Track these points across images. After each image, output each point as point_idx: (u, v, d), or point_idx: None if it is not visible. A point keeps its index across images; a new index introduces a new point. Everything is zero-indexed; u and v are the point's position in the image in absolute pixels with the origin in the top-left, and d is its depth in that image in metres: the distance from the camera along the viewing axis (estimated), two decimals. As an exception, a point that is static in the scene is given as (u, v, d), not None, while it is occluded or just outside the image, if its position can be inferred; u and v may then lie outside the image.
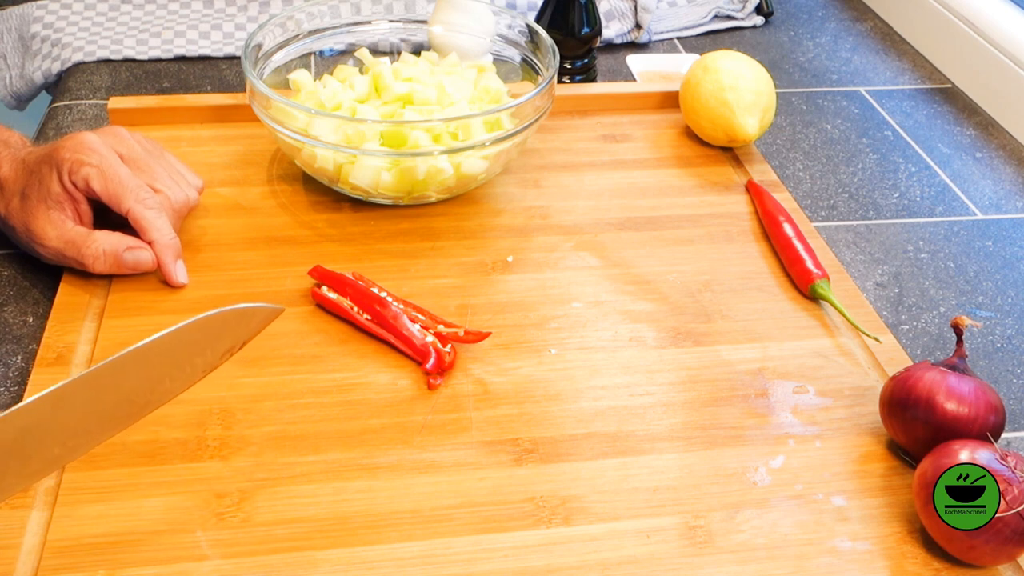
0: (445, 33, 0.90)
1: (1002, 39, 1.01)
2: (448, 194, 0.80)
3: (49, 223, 0.68)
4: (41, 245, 0.69)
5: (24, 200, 0.69)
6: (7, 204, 0.70)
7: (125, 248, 0.69)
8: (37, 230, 0.69)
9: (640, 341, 0.69)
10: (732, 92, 0.86)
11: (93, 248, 0.69)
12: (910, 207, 0.87)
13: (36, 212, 0.68)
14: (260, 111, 0.78)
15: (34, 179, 0.69)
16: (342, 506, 0.57)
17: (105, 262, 0.69)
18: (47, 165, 0.69)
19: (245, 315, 0.54)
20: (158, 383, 0.52)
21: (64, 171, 0.68)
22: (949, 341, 0.72)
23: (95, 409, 0.49)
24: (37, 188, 0.68)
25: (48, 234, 0.69)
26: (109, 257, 0.69)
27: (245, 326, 0.55)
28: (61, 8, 1.06)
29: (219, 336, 0.53)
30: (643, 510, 0.58)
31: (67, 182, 0.68)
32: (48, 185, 0.68)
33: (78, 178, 0.68)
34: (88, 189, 0.68)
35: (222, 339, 0.53)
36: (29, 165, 0.70)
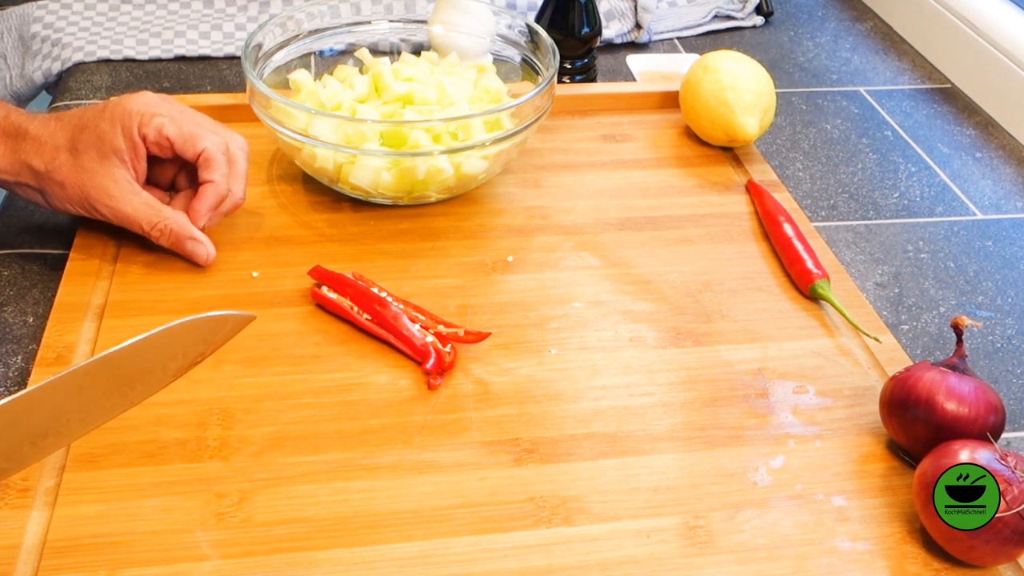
0: (445, 33, 0.90)
1: (1002, 39, 1.01)
2: (448, 194, 0.80)
3: (113, 182, 0.69)
4: (106, 205, 0.69)
5: (77, 154, 0.68)
6: (48, 160, 0.69)
7: (189, 236, 0.71)
8: (99, 189, 0.69)
9: (640, 341, 0.69)
10: (732, 92, 0.86)
11: (162, 224, 0.70)
12: (910, 207, 0.87)
13: (97, 168, 0.68)
14: (260, 111, 0.78)
15: (87, 133, 0.68)
16: (342, 506, 0.57)
17: (167, 240, 0.71)
18: (107, 120, 0.69)
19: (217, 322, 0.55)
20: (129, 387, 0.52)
21: (134, 123, 0.68)
22: (949, 341, 0.72)
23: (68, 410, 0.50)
24: (96, 143, 0.68)
25: (114, 194, 0.69)
26: (173, 236, 0.71)
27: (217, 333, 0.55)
28: (61, 8, 1.06)
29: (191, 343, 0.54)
30: (643, 510, 0.58)
31: (136, 135, 0.68)
32: (111, 140, 0.68)
33: (150, 128, 0.69)
34: (161, 137, 0.69)
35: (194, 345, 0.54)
36: (71, 120, 0.69)
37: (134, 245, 0.74)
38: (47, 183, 0.70)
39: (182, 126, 0.70)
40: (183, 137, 0.70)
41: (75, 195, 0.69)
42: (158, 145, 0.70)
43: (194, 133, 0.71)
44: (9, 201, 0.81)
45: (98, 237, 0.75)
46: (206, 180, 0.71)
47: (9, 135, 0.69)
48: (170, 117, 0.70)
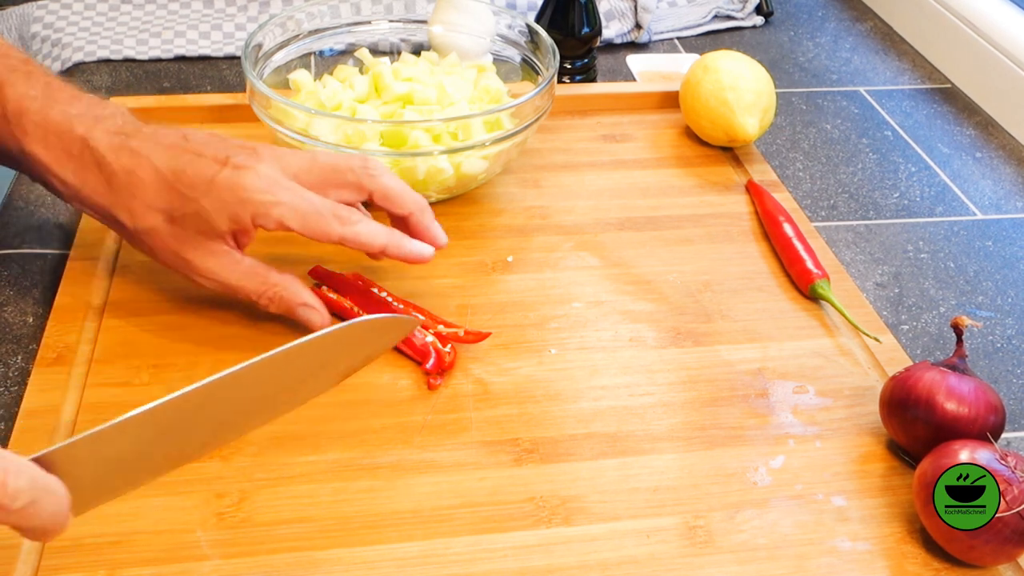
0: (445, 33, 0.90)
1: (1002, 39, 1.01)
2: (448, 194, 0.80)
3: (212, 255, 0.63)
4: (204, 278, 0.64)
5: (174, 224, 0.62)
6: (138, 219, 0.62)
7: (300, 303, 0.65)
8: (198, 261, 0.63)
9: (640, 341, 0.69)
10: (732, 92, 0.86)
11: (270, 293, 0.64)
12: (910, 207, 0.87)
13: (193, 242, 0.62)
14: (260, 111, 0.78)
15: (188, 207, 0.61)
16: (342, 506, 0.57)
17: (277, 307, 0.65)
18: (214, 200, 0.60)
19: (388, 324, 0.56)
20: (299, 385, 0.52)
21: (247, 213, 0.61)
22: (949, 341, 0.72)
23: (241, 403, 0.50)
24: (194, 219, 0.61)
25: (212, 266, 0.63)
26: (283, 304, 0.65)
27: (389, 335, 0.56)
28: (61, 8, 1.06)
29: (361, 344, 0.54)
30: (643, 510, 0.58)
31: (248, 223, 0.61)
32: (215, 224, 0.61)
33: (268, 221, 0.61)
34: (282, 228, 0.62)
35: (367, 346, 0.54)
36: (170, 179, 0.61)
37: (134, 245, 0.74)
38: (137, 242, 0.64)
39: (305, 219, 0.61)
40: (308, 230, 0.62)
41: (168, 259, 0.64)
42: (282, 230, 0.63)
43: (318, 224, 0.62)
44: (9, 201, 0.81)
45: (98, 237, 0.75)
46: (378, 252, 0.64)
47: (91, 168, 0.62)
48: (289, 205, 0.61)
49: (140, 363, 0.65)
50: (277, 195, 0.61)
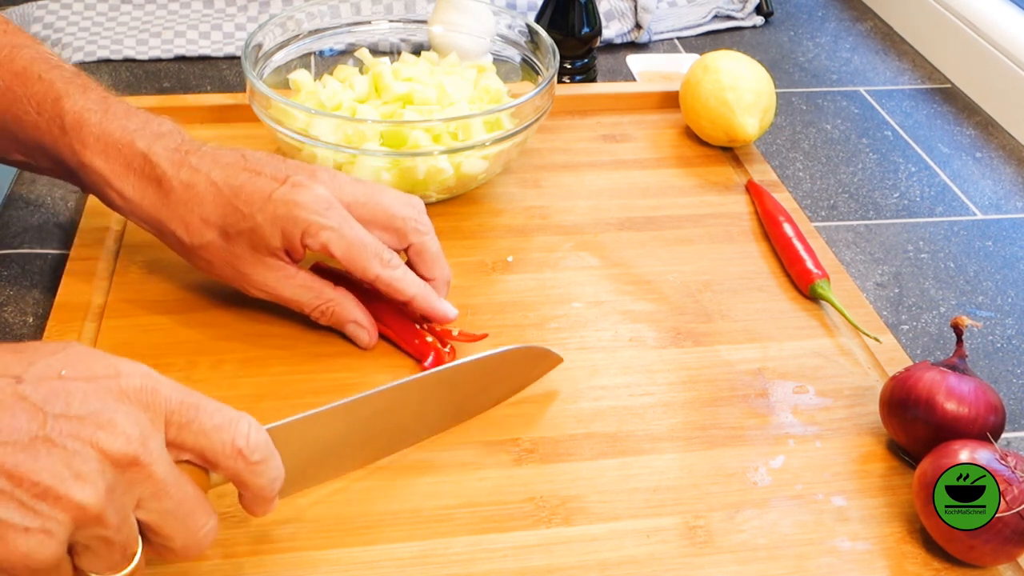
0: (445, 33, 0.90)
1: (1002, 39, 1.01)
2: (448, 194, 0.80)
3: (268, 269, 0.64)
4: (261, 290, 0.65)
5: (228, 239, 0.63)
6: (195, 234, 0.63)
7: (351, 320, 0.66)
8: (254, 275, 0.64)
9: (640, 341, 0.69)
10: (732, 92, 0.86)
11: (324, 307, 0.65)
12: (910, 207, 0.87)
13: (249, 257, 0.63)
14: (260, 111, 0.78)
15: (244, 222, 0.62)
16: (342, 506, 0.57)
17: (329, 320, 0.66)
18: (269, 216, 0.61)
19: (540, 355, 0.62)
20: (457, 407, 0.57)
21: (297, 231, 0.61)
22: (949, 341, 0.72)
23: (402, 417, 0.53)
24: (249, 235, 0.62)
25: (268, 280, 0.64)
26: (335, 318, 0.66)
27: (540, 367, 0.62)
28: (61, 8, 1.06)
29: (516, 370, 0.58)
30: (643, 510, 0.58)
31: (297, 242, 0.62)
32: (267, 239, 0.62)
33: (314, 242, 0.62)
34: (325, 252, 0.63)
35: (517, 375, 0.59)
36: (227, 195, 0.62)
37: (134, 245, 0.74)
38: (192, 256, 0.65)
39: (350, 243, 0.62)
40: (349, 259, 0.63)
41: (224, 272, 0.65)
42: (325, 254, 0.64)
43: (361, 256, 0.63)
44: (9, 201, 0.81)
45: (98, 237, 0.75)
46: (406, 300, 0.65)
47: (151, 182, 0.63)
48: (338, 233, 0.62)
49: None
50: (328, 219, 0.62)
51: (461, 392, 0.57)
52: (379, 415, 0.53)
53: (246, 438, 0.47)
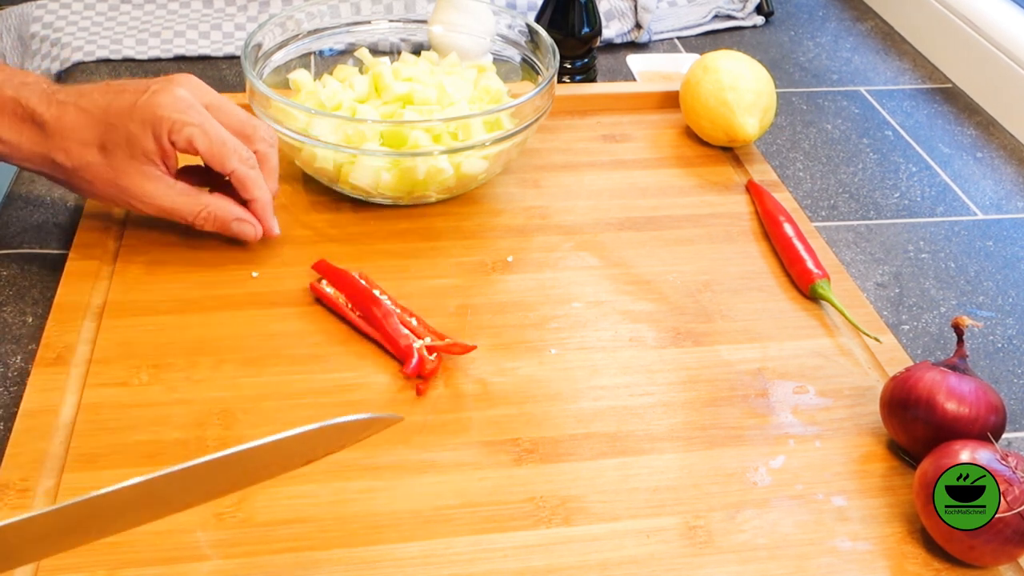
0: (445, 33, 0.90)
1: (1002, 39, 1.01)
2: (448, 194, 0.80)
3: (147, 179, 0.68)
4: (142, 202, 0.69)
5: (107, 154, 0.67)
6: (75, 157, 0.67)
7: (234, 218, 0.71)
8: (135, 187, 0.68)
9: (640, 341, 0.69)
10: (732, 92, 0.86)
11: (203, 211, 0.70)
12: (911, 207, 0.87)
13: (128, 169, 0.67)
14: (260, 111, 0.77)
15: (117, 134, 0.67)
16: (342, 506, 0.57)
17: (212, 224, 0.71)
18: (137, 122, 0.66)
19: (365, 425, 0.53)
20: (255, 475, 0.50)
21: (163, 130, 0.66)
22: (950, 341, 0.72)
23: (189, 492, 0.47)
24: (126, 145, 0.67)
25: (149, 191, 0.68)
26: (217, 221, 0.71)
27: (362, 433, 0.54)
28: (60, 8, 1.06)
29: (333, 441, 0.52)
30: (643, 510, 0.57)
31: (165, 141, 0.67)
32: (141, 143, 0.67)
33: (180, 137, 0.67)
34: (190, 148, 0.68)
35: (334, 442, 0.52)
36: (96, 114, 0.67)
37: (134, 245, 0.74)
38: (75, 179, 0.69)
39: (212, 139, 0.68)
40: (211, 153, 0.68)
41: (107, 191, 0.69)
42: (188, 151, 0.69)
43: (221, 152, 0.69)
44: (9, 201, 0.81)
45: (98, 237, 0.75)
46: (248, 200, 0.71)
47: (25, 121, 0.67)
48: (200, 127, 0.67)
49: (139, 363, 0.65)
50: (190, 116, 0.67)
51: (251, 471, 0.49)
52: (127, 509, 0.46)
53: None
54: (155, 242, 0.75)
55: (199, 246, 0.74)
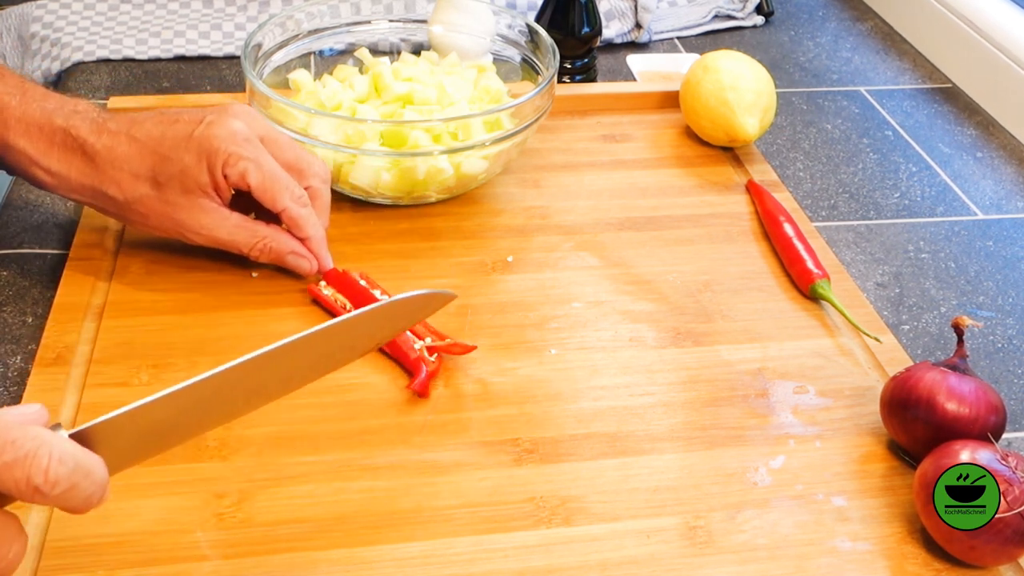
0: (445, 33, 0.90)
1: (1002, 39, 1.01)
2: (448, 194, 0.80)
3: (203, 212, 0.67)
4: (197, 234, 0.68)
5: (161, 188, 0.66)
6: (127, 190, 0.66)
7: (290, 251, 0.70)
8: (191, 221, 0.67)
9: (640, 341, 0.69)
10: (732, 92, 0.86)
11: (260, 243, 0.69)
12: (911, 207, 0.87)
13: (183, 202, 0.66)
14: (260, 111, 0.77)
15: (170, 166, 0.66)
16: (342, 506, 0.57)
17: (268, 257, 0.70)
18: (190, 153, 0.65)
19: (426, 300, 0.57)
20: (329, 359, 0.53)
21: (218, 163, 0.65)
22: (950, 341, 0.72)
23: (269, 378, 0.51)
24: (180, 177, 0.66)
25: (205, 223, 0.68)
26: (273, 253, 0.70)
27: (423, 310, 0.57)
28: (60, 8, 1.06)
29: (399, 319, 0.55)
30: (643, 510, 0.57)
31: (219, 174, 0.66)
32: (195, 176, 0.66)
33: (234, 172, 0.66)
34: (242, 183, 0.67)
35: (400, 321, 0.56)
36: (150, 146, 0.66)
37: (134, 245, 0.74)
38: (128, 212, 0.68)
39: (265, 175, 0.67)
40: (263, 189, 0.67)
41: (162, 224, 0.68)
42: (242, 186, 0.68)
43: (274, 188, 0.67)
44: (9, 201, 0.81)
45: (98, 237, 0.75)
46: (303, 238, 0.70)
47: (75, 152, 0.66)
48: (255, 162, 0.66)
49: (139, 363, 0.65)
50: (246, 150, 0.66)
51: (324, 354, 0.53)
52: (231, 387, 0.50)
53: (44, 474, 0.41)
54: (155, 242, 0.74)
55: (199, 247, 0.74)
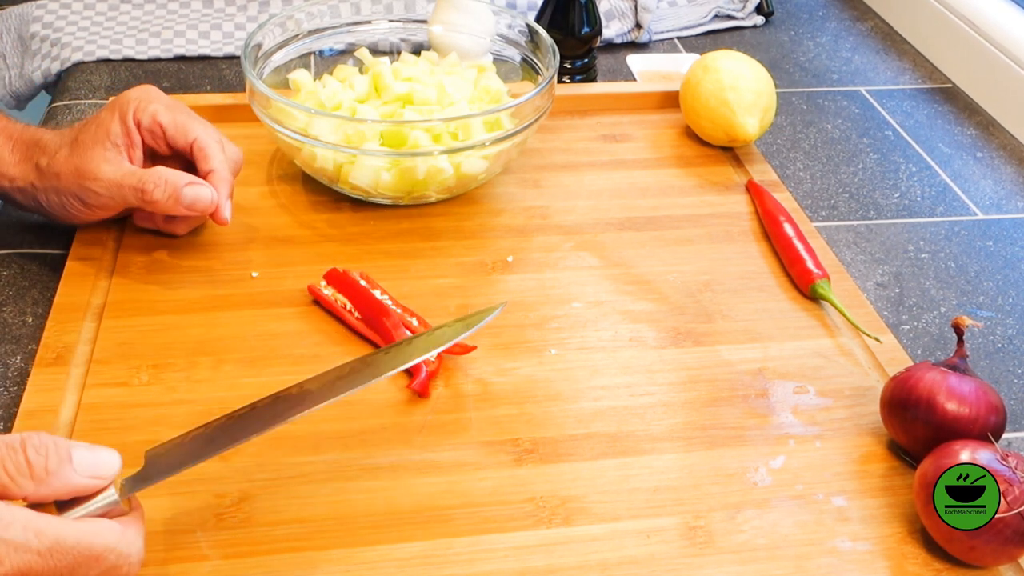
0: (445, 33, 0.90)
1: (1002, 39, 1.01)
2: (448, 194, 0.80)
3: (104, 160, 0.69)
4: (95, 179, 0.69)
5: (75, 144, 0.69)
6: (51, 155, 0.70)
7: (186, 183, 0.69)
8: (91, 168, 0.69)
9: (640, 341, 0.69)
10: (732, 92, 0.86)
11: (155, 176, 0.69)
12: (911, 207, 0.87)
13: (91, 153, 0.69)
14: (260, 111, 0.77)
15: (88, 125, 0.70)
16: (342, 506, 0.57)
17: (165, 191, 0.69)
18: (107, 110, 0.71)
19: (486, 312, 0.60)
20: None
21: (130, 110, 0.70)
22: (950, 341, 0.72)
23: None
24: (93, 131, 0.69)
25: (103, 169, 0.69)
26: (170, 187, 0.69)
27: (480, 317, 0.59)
28: (60, 8, 1.06)
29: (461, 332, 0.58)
30: (643, 510, 0.57)
31: (130, 120, 0.70)
32: (107, 125, 0.69)
33: (145, 114, 0.70)
34: (154, 122, 0.70)
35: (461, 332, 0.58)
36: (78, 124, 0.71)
37: (134, 245, 0.74)
38: (47, 178, 0.70)
39: (176, 115, 0.71)
40: (175, 124, 0.71)
41: (68, 183, 0.69)
42: (151, 133, 0.71)
43: (186, 123, 0.71)
44: (9, 201, 0.81)
45: (98, 237, 0.75)
46: (207, 171, 0.71)
47: (24, 142, 0.71)
48: (165, 106, 0.71)
49: (139, 363, 0.65)
50: (154, 98, 0.71)
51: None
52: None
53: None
54: (155, 242, 0.75)
55: (199, 246, 0.75)
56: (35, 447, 0.46)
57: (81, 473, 0.47)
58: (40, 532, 0.45)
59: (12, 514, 0.45)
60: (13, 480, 0.46)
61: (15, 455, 0.46)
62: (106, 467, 0.48)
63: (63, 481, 0.47)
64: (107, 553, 0.46)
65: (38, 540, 0.44)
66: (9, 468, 0.46)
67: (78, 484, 0.47)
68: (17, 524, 0.44)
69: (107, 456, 0.49)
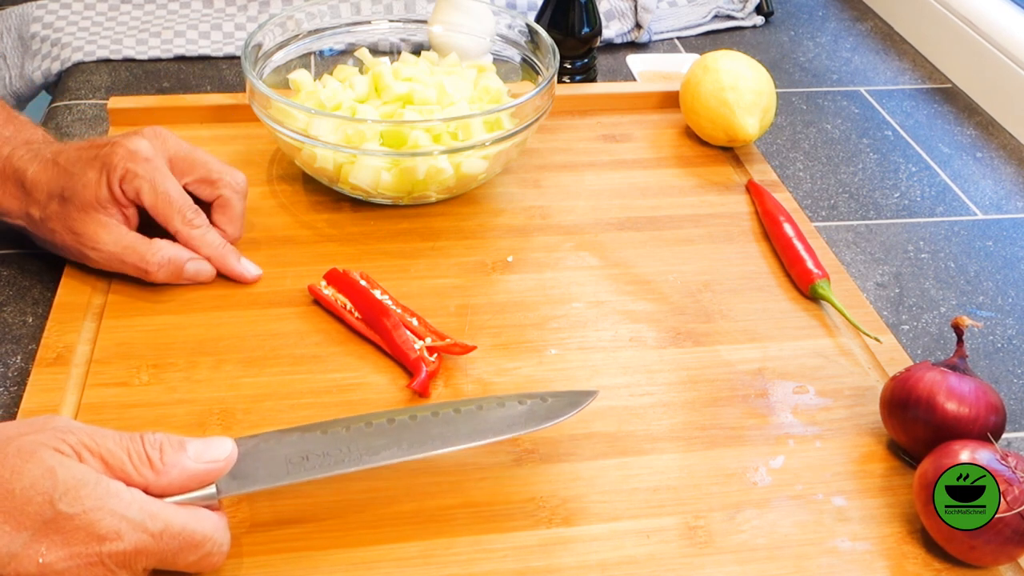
0: (445, 33, 0.90)
1: (1002, 39, 1.01)
2: (448, 194, 0.80)
3: (101, 227, 0.68)
4: (95, 249, 0.68)
5: (65, 203, 0.67)
6: (43, 208, 0.68)
7: (187, 259, 0.70)
8: (89, 234, 0.68)
9: (640, 341, 0.69)
10: (732, 92, 0.86)
11: (157, 256, 0.68)
12: (910, 207, 0.87)
13: (84, 217, 0.67)
14: (260, 111, 0.77)
15: (75, 182, 0.67)
16: (342, 506, 0.57)
17: (167, 270, 0.69)
18: (93, 169, 0.67)
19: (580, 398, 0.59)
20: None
21: (115, 178, 0.67)
22: (950, 341, 0.72)
23: None
24: (82, 191, 0.67)
25: (102, 238, 0.68)
26: (171, 266, 0.69)
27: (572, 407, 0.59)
28: (61, 8, 1.06)
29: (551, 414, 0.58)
30: (643, 510, 0.57)
31: (117, 189, 0.67)
32: (95, 190, 0.67)
33: (129, 188, 0.67)
34: (138, 200, 0.68)
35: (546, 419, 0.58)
36: (64, 166, 0.68)
37: (134, 245, 0.74)
38: (43, 230, 0.69)
39: (158, 195, 0.68)
40: (156, 210, 0.69)
41: (66, 241, 0.68)
42: (139, 203, 0.69)
43: (166, 211, 0.69)
44: (9, 201, 0.81)
45: (98, 237, 0.75)
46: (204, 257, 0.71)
47: (12, 181, 0.69)
48: (150, 182, 0.68)
49: (139, 363, 0.65)
50: (142, 168, 0.68)
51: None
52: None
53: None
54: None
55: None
56: (150, 442, 0.49)
57: (196, 460, 0.50)
58: (154, 515, 0.48)
59: (132, 495, 0.48)
60: (136, 469, 0.48)
61: (137, 446, 0.49)
62: (220, 450, 0.51)
63: (180, 469, 0.49)
64: (205, 541, 0.49)
65: (152, 522, 0.47)
66: (133, 457, 0.49)
67: (194, 471, 0.50)
68: (136, 505, 0.47)
69: (219, 442, 0.51)
